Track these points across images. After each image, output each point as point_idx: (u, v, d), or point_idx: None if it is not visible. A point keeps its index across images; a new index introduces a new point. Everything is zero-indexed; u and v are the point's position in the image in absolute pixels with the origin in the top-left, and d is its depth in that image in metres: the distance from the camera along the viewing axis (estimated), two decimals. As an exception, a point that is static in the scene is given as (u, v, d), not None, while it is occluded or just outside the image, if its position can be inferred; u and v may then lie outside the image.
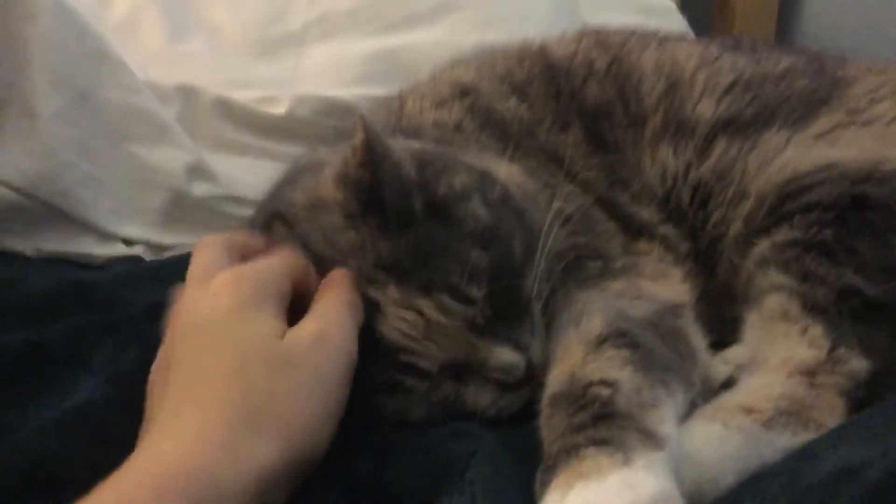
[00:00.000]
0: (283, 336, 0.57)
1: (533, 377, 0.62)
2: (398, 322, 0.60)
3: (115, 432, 0.56)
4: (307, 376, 0.55)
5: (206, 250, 0.64)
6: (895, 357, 0.65)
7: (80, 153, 0.97)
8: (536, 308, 0.66)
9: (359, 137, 0.62)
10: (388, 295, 0.61)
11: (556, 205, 0.71)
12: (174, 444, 0.50)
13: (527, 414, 0.60)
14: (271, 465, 0.50)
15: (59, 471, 0.56)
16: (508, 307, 0.63)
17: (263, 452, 0.50)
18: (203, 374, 0.54)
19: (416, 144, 0.73)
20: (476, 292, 0.61)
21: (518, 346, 0.62)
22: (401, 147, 0.69)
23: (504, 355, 0.62)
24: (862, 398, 0.63)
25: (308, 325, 0.58)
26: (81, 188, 0.96)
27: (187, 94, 1.15)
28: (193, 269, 0.62)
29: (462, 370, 0.62)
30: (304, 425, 0.54)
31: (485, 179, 0.68)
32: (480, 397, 0.63)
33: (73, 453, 0.57)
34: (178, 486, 0.47)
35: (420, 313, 0.60)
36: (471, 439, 0.58)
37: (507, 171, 0.75)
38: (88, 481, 0.54)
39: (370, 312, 0.61)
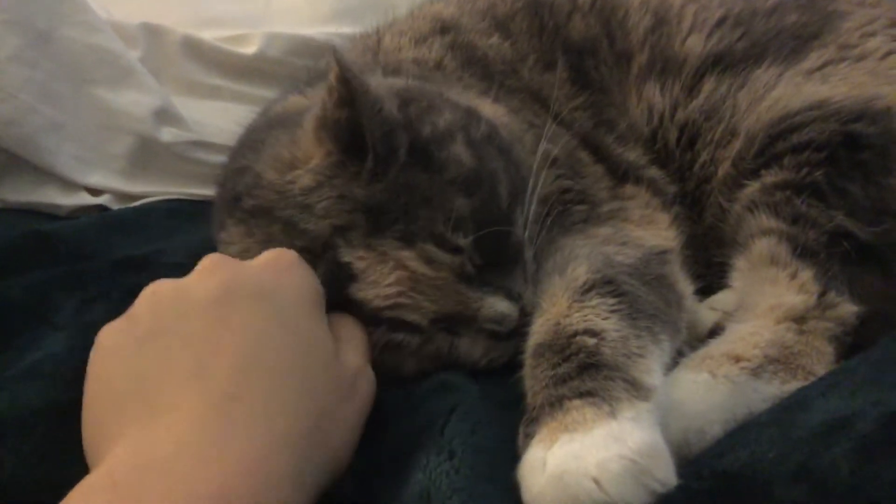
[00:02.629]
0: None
1: (526, 326, 0.60)
2: (380, 280, 0.58)
3: (77, 387, 0.54)
4: (358, 409, 0.53)
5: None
6: (884, 301, 0.64)
7: (42, 97, 0.93)
8: (529, 254, 0.63)
9: (333, 75, 0.58)
10: (364, 254, 0.58)
11: (544, 146, 0.68)
12: (231, 459, 0.42)
13: (510, 365, 0.59)
14: (315, 496, 0.47)
15: (8, 424, 0.54)
16: (499, 254, 0.61)
17: (316, 484, 0.47)
18: (258, 372, 0.47)
19: (398, 82, 0.69)
20: (462, 240, 0.58)
21: (511, 295, 0.60)
22: (381, 83, 0.65)
23: (497, 305, 0.59)
24: (851, 344, 0.62)
25: (356, 358, 0.55)
26: (44, 134, 0.93)
27: (152, 34, 1.10)
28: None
29: (454, 322, 0.60)
30: (344, 456, 0.51)
31: (470, 116, 0.65)
32: (474, 348, 0.61)
33: (29, 406, 0.55)
34: None
35: (404, 267, 0.58)
36: (454, 393, 0.56)
37: (491, 112, 0.71)
38: (44, 436, 0.52)
39: (344, 278, 0.58)
